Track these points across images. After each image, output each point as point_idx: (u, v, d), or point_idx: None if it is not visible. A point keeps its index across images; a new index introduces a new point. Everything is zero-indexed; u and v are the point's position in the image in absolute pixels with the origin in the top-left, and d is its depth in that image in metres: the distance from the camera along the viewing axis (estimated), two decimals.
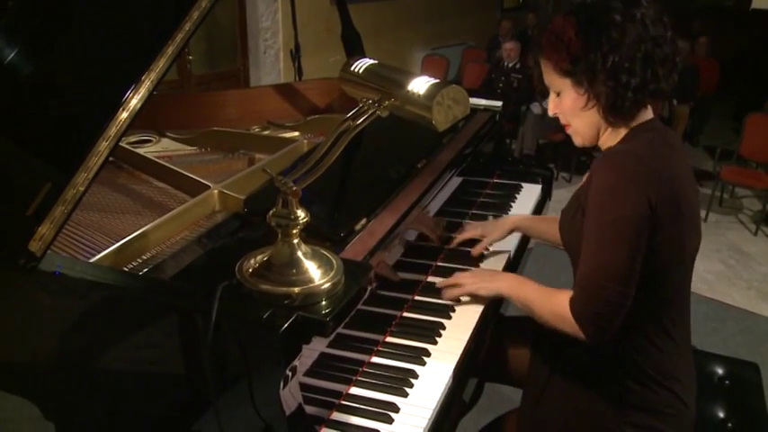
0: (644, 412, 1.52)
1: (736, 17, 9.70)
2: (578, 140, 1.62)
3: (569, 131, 1.62)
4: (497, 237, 2.04)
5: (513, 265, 2.09)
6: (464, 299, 1.80)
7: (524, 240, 2.21)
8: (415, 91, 1.20)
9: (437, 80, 1.21)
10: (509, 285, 1.71)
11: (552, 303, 1.53)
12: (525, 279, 1.73)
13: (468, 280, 1.80)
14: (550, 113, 1.62)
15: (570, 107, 1.54)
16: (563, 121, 1.61)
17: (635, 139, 1.50)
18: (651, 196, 1.38)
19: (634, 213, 1.38)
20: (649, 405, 1.53)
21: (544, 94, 1.63)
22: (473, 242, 2.07)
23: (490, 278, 1.78)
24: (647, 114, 1.54)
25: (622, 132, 1.53)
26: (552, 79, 1.55)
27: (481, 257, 2.05)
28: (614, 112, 1.48)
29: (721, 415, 1.83)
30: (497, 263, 2.02)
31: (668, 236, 1.43)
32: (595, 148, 1.63)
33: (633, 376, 1.52)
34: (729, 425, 1.80)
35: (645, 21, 1.44)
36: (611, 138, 1.56)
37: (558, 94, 1.56)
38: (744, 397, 1.89)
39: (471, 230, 2.09)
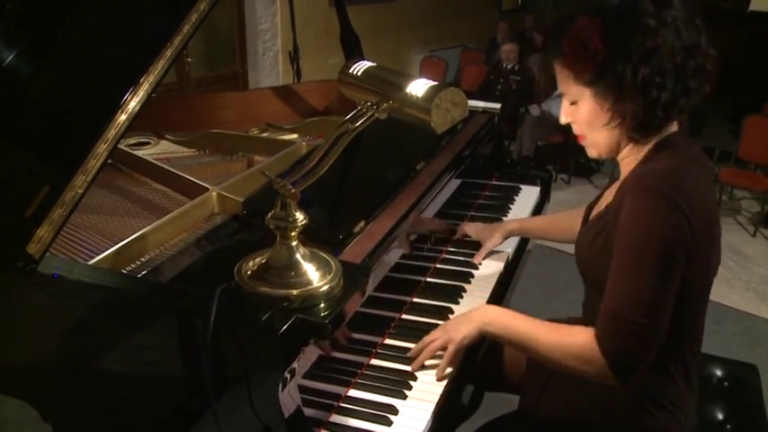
0: None
1: (733, 19, 9.71)
2: (594, 153, 1.48)
3: (584, 143, 1.48)
4: (495, 243, 2.05)
5: (512, 267, 2.09)
6: (465, 298, 1.80)
7: (523, 242, 2.21)
8: (414, 93, 1.20)
9: (435, 82, 1.21)
10: (489, 320, 1.51)
11: (568, 340, 1.38)
12: (505, 310, 1.55)
13: (438, 336, 1.56)
14: (562, 121, 1.48)
15: (588, 120, 1.41)
16: (577, 131, 1.47)
17: (663, 157, 1.36)
18: (692, 222, 1.27)
19: (671, 241, 1.27)
20: (647, 428, 1.49)
21: (543, 96, 1.55)
22: (472, 244, 2.08)
23: (463, 321, 1.55)
24: (672, 127, 1.40)
25: (645, 148, 1.41)
26: (569, 86, 1.40)
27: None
28: (640, 130, 1.36)
29: (720, 417, 1.83)
30: (496, 264, 2.02)
31: (700, 264, 1.34)
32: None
33: (638, 402, 1.47)
34: (728, 426, 1.81)
35: (677, 25, 1.29)
36: (632, 153, 1.43)
37: (574, 103, 1.42)
38: (742, 399, 1.89)
39: (470, 228, 2.10)
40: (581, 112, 1.41)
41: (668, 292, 1.28)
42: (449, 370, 1.54)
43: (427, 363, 1.57)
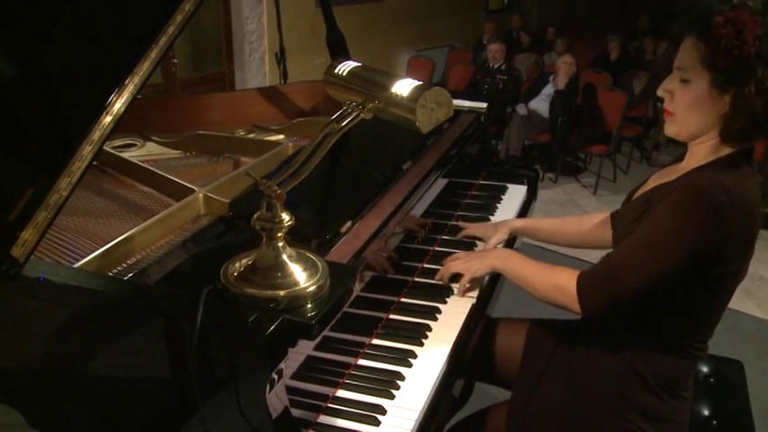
0: (649, 421, 1.54)
1: None
2: (673, 131, 1.49)
3: (668, 118, 1.49)
4: (499, 240, 2.06)
5: None
6: (452, 297, 1.81)
7: (510, 240, 2.21)
8: (399, 93, 1.20)
9: (420, 82, 1.21)
10: (502, 260, 1.73)
11: (554, 275, 1.55)
12: (517, 253, 1.75)
13: (458, 263, 1.82)
14: (659, 92, 1.48)
15: (691, 102, 1.41)
16: (668, 107, 1.48)
17: (731, 170, 1.41)
18: (729, 236, 1.34)
19: (698, 243, 1.34)
20: (654, 413, 1.54)
21: (530, 95, 1.59)
22: (460, 244, 2.09)
23: (481, 257, 1.80)
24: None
25: (723, 150, 1.45)
26: (692, 63, 1.40)
27: (470, 250, 2.07)
28: (738, 137, 1.40)
29: (706, 413, 1.84)
30: None
31: (735, 269, 1.42)
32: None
33: (649, 388, 1.53)
34: (714, 422, 1.82)
35: None
36: (709, 148, 1.46)
37: (685, 81, 1.42)
38: (728, 395, 1.91)
39: (475, 230, 2.11)
40: (689, 92, 1.41)
41: (666, 276, 1.38)
42: (471, 300, 1.82)
43: (415, 363, 1.58)
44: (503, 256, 1.75)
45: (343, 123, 1.22)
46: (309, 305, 1.21)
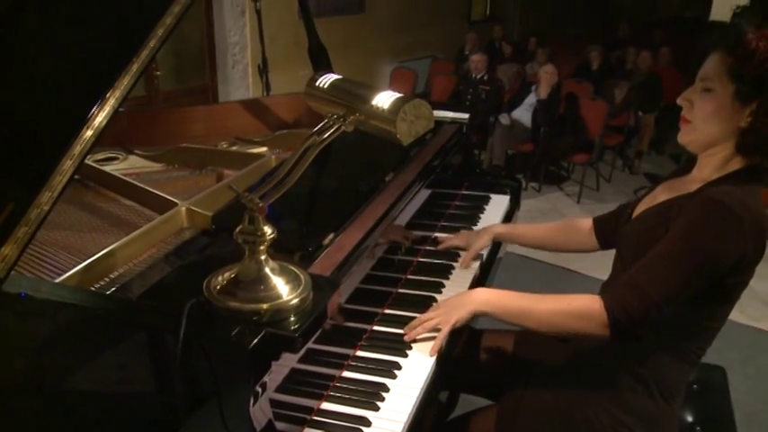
0: (644, 425, 1.56)
1: (695, 28, 9.90)
2: (686, 139, 1.53)
3: (684, 126, 1.52)
4: (482, 245, 2.06)
5: (485, 270, 2.12)
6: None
7: (495, 248, 2.22)
8: (380, 106, 1.21)
9: (401, 95, 1.22)
10: (485, 301, 1.61)
11: (570, 304, 1.49)
12: (497, 290, 1.65)
13: (433, 316, 1.67)
14: (679, 101, 1.52)
15: (711, 111, 1.45)
16: (687, 115, 1.51)
17: (746, 184, 1.45)
18: (747, 248, 1.38)
19: (720, 258, 1.38)
20: (649, 417, 1.56)
21: (513, 105, 1.59)
22: (445, 254, 2.10)
23: (458, 305, 1.64)
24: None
25: (733, 163, 1.49)
26: (717, 74, 1.44)
27: (454, 261, 2.08)
28: (755, 149, 1.43)
29: (690, 419, 1.86)
30: (468, 273, 2.04)
31: (746, 279, 1.46)
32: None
33: (648, 391, 1.56)
34: (698, 428, 1.83)
35: None
36: (720, 160, 1.50)
37: (708, 90, 1.46)
38: (711, 400, 1.92)
39: (455, 240, 2.11)
40: (710, 101, 1.45)
41: (691, 289, 1.41)
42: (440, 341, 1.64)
43: (399, 374, 1.58)
44: (483, 297, 1.62)
45: (325, 136, 1.23)
46: (292, 318, 1.21)
